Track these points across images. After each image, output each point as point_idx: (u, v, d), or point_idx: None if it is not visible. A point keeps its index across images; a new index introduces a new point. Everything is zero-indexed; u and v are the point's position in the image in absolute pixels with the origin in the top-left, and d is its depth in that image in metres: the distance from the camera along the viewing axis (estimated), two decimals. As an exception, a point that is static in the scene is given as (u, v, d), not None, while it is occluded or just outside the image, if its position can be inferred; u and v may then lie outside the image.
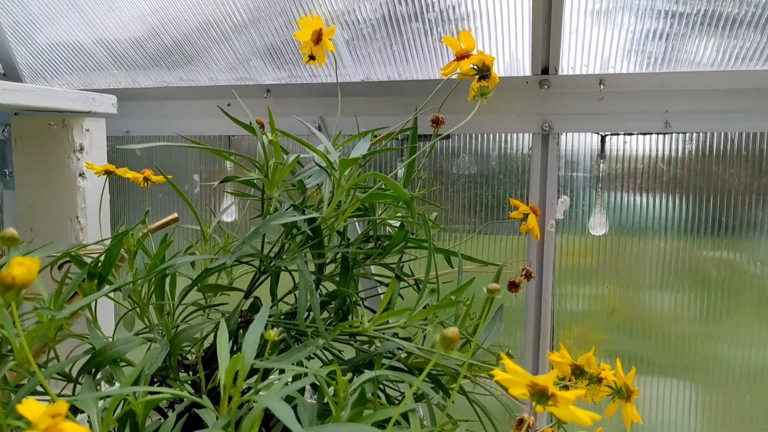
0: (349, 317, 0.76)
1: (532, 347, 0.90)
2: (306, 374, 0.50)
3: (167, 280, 0.76)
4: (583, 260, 0.90)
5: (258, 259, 0.68)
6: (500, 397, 0.66)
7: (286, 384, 0.46)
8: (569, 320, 0.93)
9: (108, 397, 0.49)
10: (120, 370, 0.57)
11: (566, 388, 0.75)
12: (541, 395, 0.43)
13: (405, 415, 0.52)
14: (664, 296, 0.89)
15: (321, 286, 0.76)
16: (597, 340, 0.93)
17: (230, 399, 0.44)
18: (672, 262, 0.87)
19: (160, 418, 0.66)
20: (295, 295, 0.77)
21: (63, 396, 0.64)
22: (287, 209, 0.62)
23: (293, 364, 0.52)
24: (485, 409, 0.71)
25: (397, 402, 0.69)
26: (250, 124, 0.68)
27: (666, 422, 0.91)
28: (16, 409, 0.37)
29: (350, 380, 0.52)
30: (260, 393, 0.46)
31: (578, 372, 0.80)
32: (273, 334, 0.42)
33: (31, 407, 0.29)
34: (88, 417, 0.47)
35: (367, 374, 0.51)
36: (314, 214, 0.58)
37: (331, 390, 0.50)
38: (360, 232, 0.76)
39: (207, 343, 0.77)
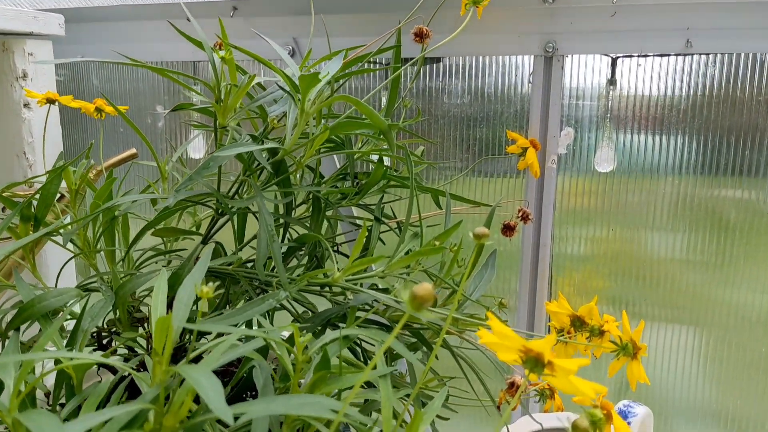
0: (325, 266, 0.69)
1: (528, 296, 0.84)
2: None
3: (118, 223, 0.68)
4: (587, 200, 0.83)
5: (216, 200, 0.61)
6: (489, 354, 0.60)
7: (234, 346, 0.39)
8: (569, 266, 0.87)
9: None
10: (50, 326, 0.50)
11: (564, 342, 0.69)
12: (535, 363, 0.36)
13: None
14: (676, 239, 0.82)
15: (291, 231, 0.68)
16: (599, 287, 0.87)
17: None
18: (686, 203, 0.80)
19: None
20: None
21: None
22: (245, 140, 0.54)
23: (245, 323, 0.46)
24: (474, 366, 0.65)
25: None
26: (215, 47, 0.59)
27: (674, 373, 0.86)
28: None
29: (320, 338, 0.45)
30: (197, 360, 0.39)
31: (578, 324, 0.74)
32: (207, 289, 0.35)
33: None
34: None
35: (331, 334, 0.44)
36: (272, 144, 0.50)
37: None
38: (338, 169, 0.68)
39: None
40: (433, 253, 0.52)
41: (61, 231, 0.60)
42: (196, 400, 0.39)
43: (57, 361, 0.52)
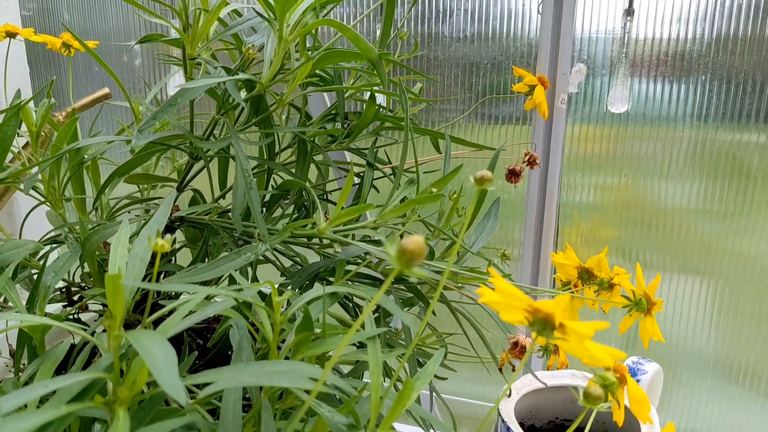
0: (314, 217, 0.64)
1: (533, 247, 0.80)
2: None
3: (88, 169, 0.63)
4: (598, 146, 0.77)
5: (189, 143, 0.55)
6: (490, 310, 0.56)
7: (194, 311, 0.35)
8: (577, 215, 0.82)
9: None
10: (8, 282, 0.46)
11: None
12: (544, 325, 0.32)
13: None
14: (692, 188, 0.77)
15: (276, 178, 0.63)
16: (609, 238, 0.82)
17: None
18: (705, 149, 0.74)
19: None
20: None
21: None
22: (219, 74, 0.48)
23: (222, 278, 0.41)
24: (474, 321, 0.61)
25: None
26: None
27: (684, 326, 0.82)
28: None
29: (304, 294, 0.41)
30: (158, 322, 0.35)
31: (586, 276, 0.69)
32: (162, 242, 0.30)
33: None
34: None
35: (313, 291, 0.40)
36: (246, 75, 0.45)
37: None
38: (326, 108, 0.62)
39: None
40: (430, 200, 0.47)
41: (23, 177, 0.55)
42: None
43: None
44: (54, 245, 0.60)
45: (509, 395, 0.61)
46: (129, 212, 0.64)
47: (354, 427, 0.35)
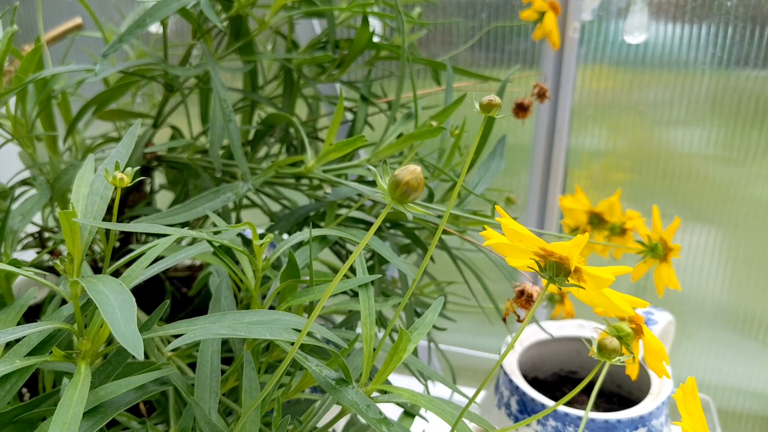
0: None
1: (539, 191, 0.77)
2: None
3: (60, 105, 0.59)
4: (612, 80, 0.73)
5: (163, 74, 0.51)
6: (494, 257, 0.53)
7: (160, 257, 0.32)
8: (587, 158, 0.79)
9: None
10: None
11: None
12: (557, 270, 0.29)
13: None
14: (709, 134, 0.73)
15: (260, 113, 0.60)
16: (619, 182, 0.79)
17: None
18: (724, 94, 0.70)
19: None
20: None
21: None
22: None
23: (202, 222, 0.38)
24: (476, 269, 0.59)
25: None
26: None
27: (696, 275, 0.80)
28: None
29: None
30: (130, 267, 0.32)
31: (596, 221, 0.67)
32: (121, 176, 0.27)
33: None
34: None
35: (299, 235, 0.37)
36: (221, -5, 0.40)
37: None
38: (316, 35, 0.58)
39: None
40: (430, 135, 0.44)
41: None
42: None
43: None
44: (25, 188, 0.57)
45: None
46: (104, 151, 0.61)
47: (344, 382, 0.32)
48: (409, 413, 0.40)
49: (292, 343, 0.35)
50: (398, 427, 0.32)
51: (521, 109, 0.57)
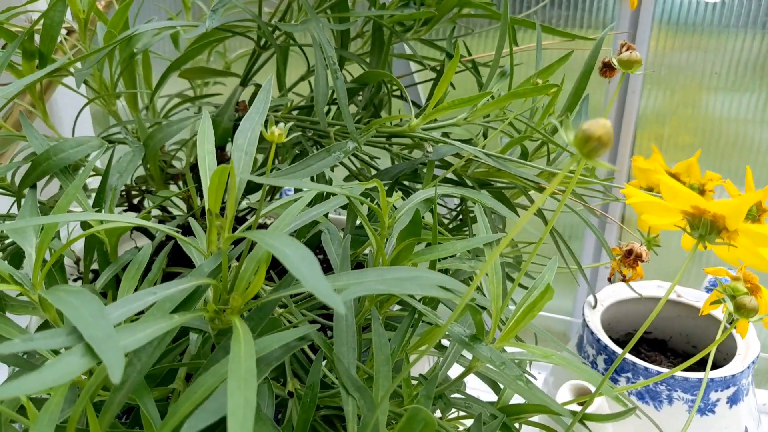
0: (381, 115, 0.60)
1: (609, 152, 0.75)
2: (328, 195, 0.35)
3: (139, 62, 0.59)
4: (687, 42, 0.71)
5: (256, 30, 0.50)
6: (582, 214, 0.52)
7: (303, 210, 0.31)
8: (655, 120, 0.76)
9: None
10: (72, 182, 0.43)
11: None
12: (710, 228, 0.28)
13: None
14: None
15: (344, 72, 0.59)
16: (687, 143, 0.77)
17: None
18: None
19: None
20: (309, 82, 0.60)
21: (10, 219, 0.51)
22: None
23: (312, 179, 0.38)
24: (556, 229, 0.58)
25: (451, 228, 0.56)
26: None
27: None
28: None
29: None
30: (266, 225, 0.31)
31: (672, 182, 0.65)
32: (277, 131, 0.26)
33: None
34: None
35: (423, 192, 0.36)
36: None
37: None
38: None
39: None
40: (537, 92, 0.43)
41: (73, 70, 0.51)
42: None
43: (85, 225, 0.45)
44: (110, 145, 0.56)
45: (594, 306, 0.58)
46: (189, 109, 0.61)
47: (477, 339, 0.32)
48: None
49: (421, 299, 0.35)
50: (533, 385, 0.32)
51: (608, 68, 0.56)
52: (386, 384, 0.32)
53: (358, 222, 0.47)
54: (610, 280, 0.48)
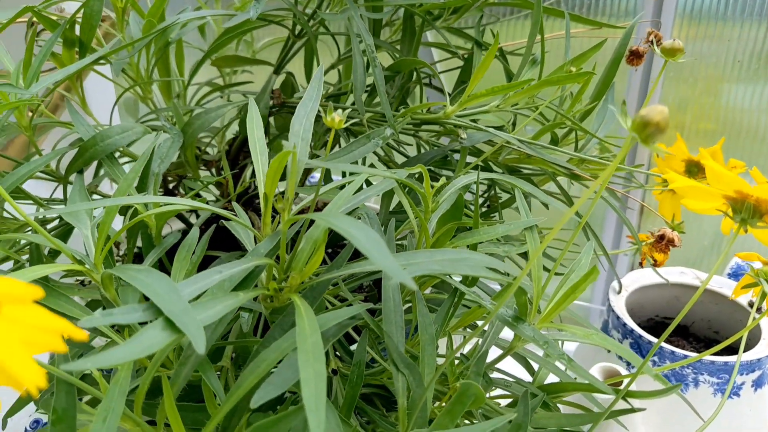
0: (408, 102, 0.60)
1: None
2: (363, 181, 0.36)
3: (172, 50, 0.60)
4: (710, 31, 0.71)
5: (291, 18, 0.51)
6: (610, 200, 0.53)
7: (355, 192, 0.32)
8: (676, 108, 0.77)
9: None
10: (118, 168, 0.44)
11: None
12: (752, 212, 0.29)
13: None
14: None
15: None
16: (708, 131, 0.78)
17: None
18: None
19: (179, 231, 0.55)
20: (339, 70, 0.61)
21: (52, 203, 0.52)
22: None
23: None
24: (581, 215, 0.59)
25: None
26: None
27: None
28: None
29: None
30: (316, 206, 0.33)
31: (695, 170, 0.66)
32: (337, 117, 0.27)
33: None
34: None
35: (464, 177, 0.37)
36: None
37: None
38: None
39: (229, 134, 0.63)
40: (572, 80, 0.44)
41: (111, 59, 0.52)
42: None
43: (124, 209, 0.47)
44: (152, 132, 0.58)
45: (619, 291, 0.60)
46: (222, 96, 0.62)
47: (520, 319, 0.33)
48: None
49: (464, 280, 0.36)
50: (576, 363, 0.33)
51: (636, 56, 0.56)
52: (432, 362, 0.34)
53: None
54: (641, 265, 0.48)
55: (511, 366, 0.42)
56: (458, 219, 0.37)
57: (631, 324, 0.54)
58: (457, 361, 0.37)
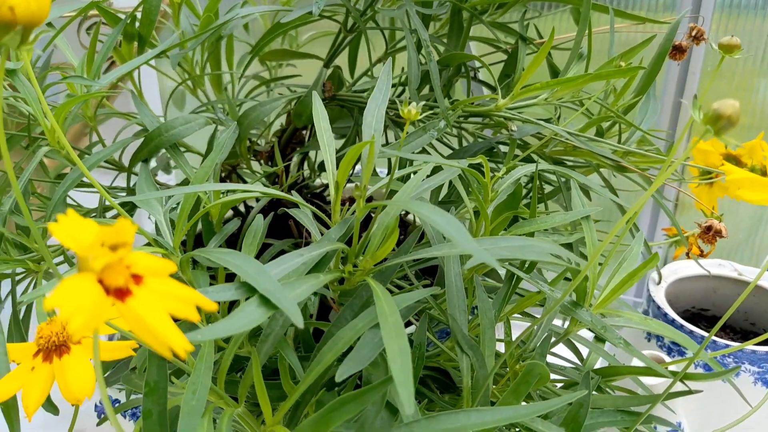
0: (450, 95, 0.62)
1: (667, 133, 0.76)
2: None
3: (223, 44, 0.61)
4: (748, 26, 0.71)
5: (342, 14, 0.53)
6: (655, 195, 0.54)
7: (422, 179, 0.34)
8: (712, 101, 0.77)
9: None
10: (182, 158, 0.46)
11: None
12: (811, 203, 0.30)
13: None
14: None
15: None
16: (744, 125, 0.78)
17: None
18: None
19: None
20: (383, 64, 0.62)
21: (116, 191, 0.54)
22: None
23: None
24: (625, 208, 0.59)
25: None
26: None
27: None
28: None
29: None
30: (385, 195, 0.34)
31: (733, 163, 0.67)
32: (414, 110, 0.29)
33: (72, 228, 0.17)
34: (154, 221, 0.37)
35: (523, 168, 0.39)
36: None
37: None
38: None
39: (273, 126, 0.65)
40: (621, 74, 0.44)
41: (169, 53, 0.54)
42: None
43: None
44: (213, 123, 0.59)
45: (658, 282, 0.60)
46: (271, 90, 0.63)
47: (578, 305, 0.34)
48: (600, 339, 0.42)
49: (524, 264, 0.37)
50: (633, 348, 0.34)
51: (678, 51, 0.57)
52: (491, 345, 0.35)
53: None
54: (688, 256, 0.49)
55: (558, 351, 0.44)
56: (515, 208, 0.38)
57: (672, 314, 0.55)
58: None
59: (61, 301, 0.15)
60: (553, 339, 0.40)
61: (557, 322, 0.44)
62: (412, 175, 0.39)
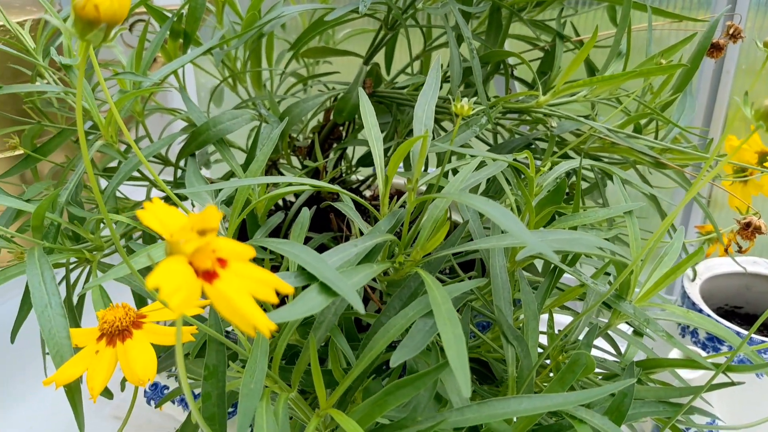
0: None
1: (701, 130, 0.76)
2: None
3: (263, 42, 0.63)
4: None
5: (383, 12, 0.53)
6: (675, 193, 0.54)
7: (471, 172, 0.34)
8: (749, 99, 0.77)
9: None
10: (229, 152, 0.47)
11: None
12: None
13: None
14: None
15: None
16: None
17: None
18: None
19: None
20: (421, 61, 0.63)
21: (169, 184, 0.55)
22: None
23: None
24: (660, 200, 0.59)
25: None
26: None
27: None
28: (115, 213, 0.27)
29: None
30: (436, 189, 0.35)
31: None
32: (467, 106, 0.29)
33: (161, 214, 0.18)
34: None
35: (567, 163, 0.39)
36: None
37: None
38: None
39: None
40: (661, 72, 0.45)
41: (214, 51, 0.55)
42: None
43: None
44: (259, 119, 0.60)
45: (693, 279, 0.60)
46: (309, 87, 0.64)
47: (620, 297, 0.35)
48: (639, 332, 0.42)
49: (568, 257, 0.38)
50: (675, 340, 0.34)
51: (715, 49, 0.57)
52: (535, 336, 0.36)
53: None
54: (726, 252, 0.49)
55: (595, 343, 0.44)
56: (558, 203, 0.38)
57: (707, 310, 0.55)
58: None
59: (161, 281, 0.16)
60: (593, 332, 0.40)
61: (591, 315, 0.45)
62: (451, 171, 0.40)
